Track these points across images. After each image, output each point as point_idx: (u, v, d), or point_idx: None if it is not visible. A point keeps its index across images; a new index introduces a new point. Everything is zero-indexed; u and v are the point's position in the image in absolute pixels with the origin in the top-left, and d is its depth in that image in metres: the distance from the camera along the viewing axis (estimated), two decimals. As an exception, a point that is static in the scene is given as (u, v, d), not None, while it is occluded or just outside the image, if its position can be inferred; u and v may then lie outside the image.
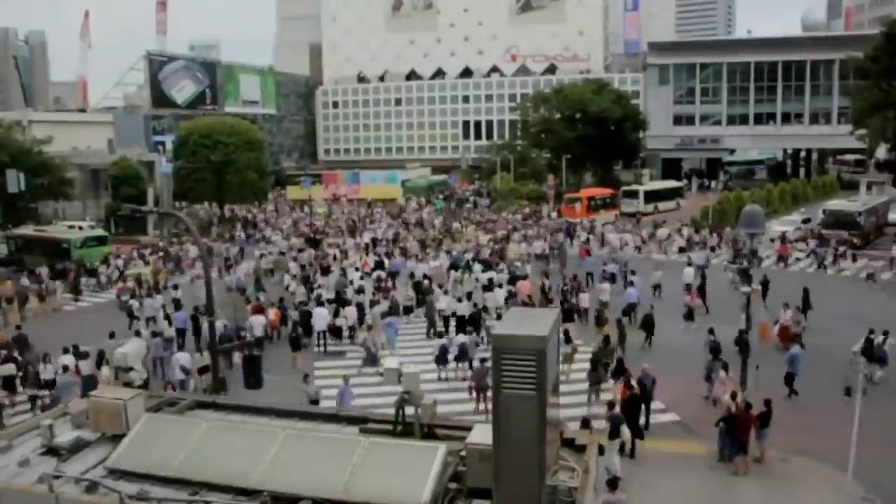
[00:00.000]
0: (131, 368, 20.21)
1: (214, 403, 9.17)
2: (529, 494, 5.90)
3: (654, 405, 19.54)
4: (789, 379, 19.85)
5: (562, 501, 6.59)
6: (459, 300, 26.83)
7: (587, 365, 19.97)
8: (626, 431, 15.13)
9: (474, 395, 19.28)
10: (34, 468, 7.32)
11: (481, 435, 6.52)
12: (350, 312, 26.25)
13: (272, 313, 26.26)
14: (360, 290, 29.15)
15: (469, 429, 7.05)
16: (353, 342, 25.34)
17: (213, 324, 16.91)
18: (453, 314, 26.23)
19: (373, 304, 26.87)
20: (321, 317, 25.34)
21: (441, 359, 21.70)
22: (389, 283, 31.49)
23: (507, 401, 5.85)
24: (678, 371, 21.36)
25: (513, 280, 30.54)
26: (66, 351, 21.04)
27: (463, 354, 21.49)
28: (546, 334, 5.88)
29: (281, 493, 6.57)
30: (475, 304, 26.37)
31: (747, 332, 19.47)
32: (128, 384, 18.04)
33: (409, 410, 7.89)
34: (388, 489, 6.40)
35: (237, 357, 20.91)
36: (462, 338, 22.39)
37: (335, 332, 25.77)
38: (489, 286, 29.58)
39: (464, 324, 24.92)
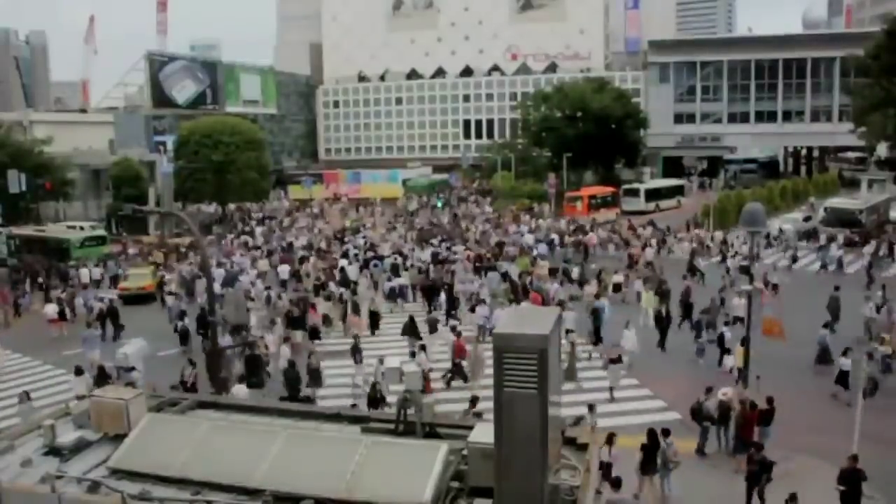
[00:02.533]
0: (133, 368, 20.24)
1: (216, 403, 9.19)
2: (531, 493, 5.90)
3: (655, 403, 19.62)
4: (596, 331, 24.41)
5: (563, 500, 6.58)
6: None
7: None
8: None
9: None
10: (36, 468, 7.33)
11: (483, 434, 6.52)
12: (352, 270, 34.14)
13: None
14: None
15: (471, 428, 7.05)
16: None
17: (215, 324, 16.93)
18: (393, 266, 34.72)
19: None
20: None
21: (392, 296, 30.63)
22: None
23: (509, 399, 5.85)
24: (681, 371, 21.40)
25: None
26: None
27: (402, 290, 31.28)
28: (548, 333, 5.88)
29: (283, 492, 6.58)
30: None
31: (748, 331, 19.51)
32: (129, 384, 18.06)
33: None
34: (390, 488, 6.40)
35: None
36: (400, 280, 31.94)
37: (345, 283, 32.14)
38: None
39: (396, 270, 34.00)
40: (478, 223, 51.93)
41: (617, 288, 30.51)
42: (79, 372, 20.32)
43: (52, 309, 28.96)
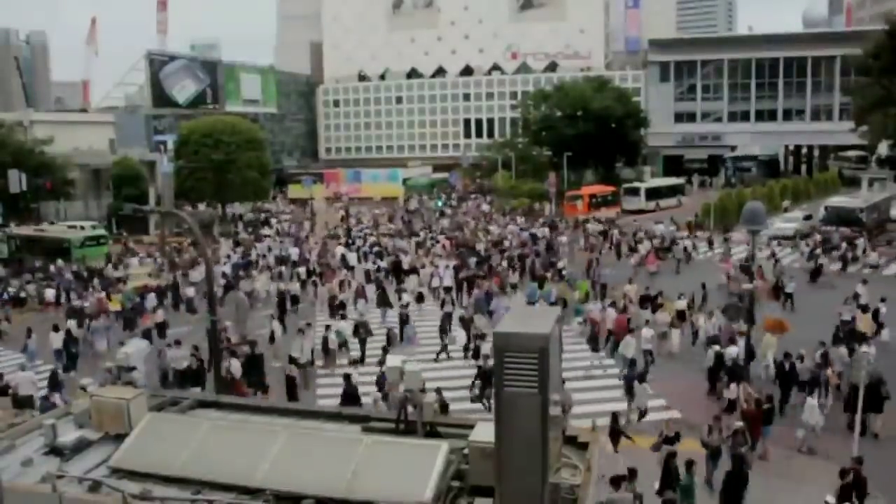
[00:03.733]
0: (133, 368, 20.21)
1: (217, 402, 9.19)
2: (532, 492, 5.90)
3: (657, 402, 19.57)
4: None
5: (564, 499, 6.58)
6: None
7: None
8: None
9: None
10: (37, 468, 7.33)
11: (484, 433, 6.52)
12: (352, 256, 37.93)
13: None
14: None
15: (471, 427, 7.05)
16: None
17: (216, 323, 16.93)
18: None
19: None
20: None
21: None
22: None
23: (510, 399, 5.84)
24: (681, 370, 21.38)
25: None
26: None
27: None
28: (548, 332, 5.88)
29: (284, 491, 6.58)
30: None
31: (750, 329, 19.52)
32: (130, 384, 18.02)
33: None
34: (391, 487, 6.40)
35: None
36: (381, 263, 36.07)
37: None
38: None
39: (380, 255, 38.53)
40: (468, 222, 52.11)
41: (681, 317, 25.11)
42: (55, 329, 24.15)
43: (51, 293, 32.17)
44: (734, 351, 19.43)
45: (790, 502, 13.53)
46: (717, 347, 20.14)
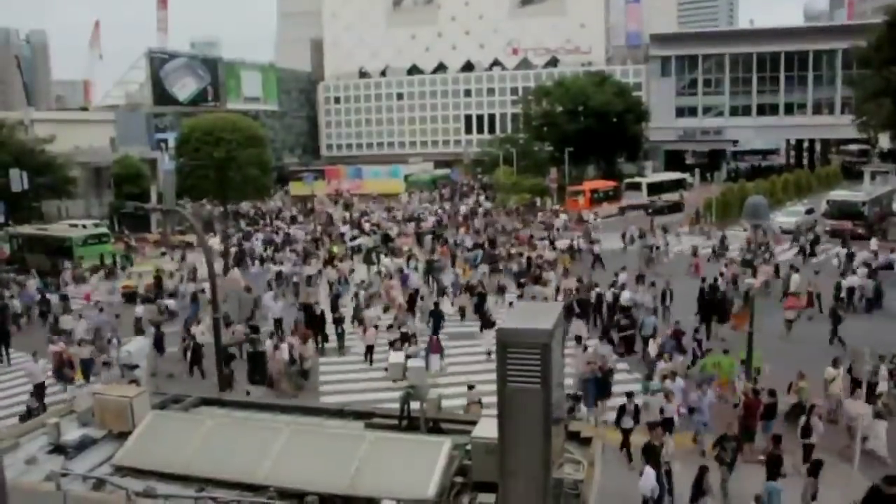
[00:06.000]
0: (136, 366, 20.26)
1: (219, 400, 9.21)
2: (535, 487, 5.90)
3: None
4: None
5: (567, 494, 6.59)
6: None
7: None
8: None
9: None
10: (41, 466, 7.35)
11: (487, 429, 6.52)
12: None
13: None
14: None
15: (474, 423, 7.06)
16: None
17: (218, 321, 16.94)
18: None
19: None
20: None
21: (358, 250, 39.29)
22: None
23: (513, 394, 5.84)
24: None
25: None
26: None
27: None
28: (550, 328, 5.87)
29: (287, 488, 6.59)
30: None
31: (752, 326, 19.44)
32: (133, 381, 18.05)
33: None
34: (394, 483, 6.41)
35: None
36: (361, 240, 41.57)
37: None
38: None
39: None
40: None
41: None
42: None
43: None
44: None
45: (790, 500, 13.49)
46: None
